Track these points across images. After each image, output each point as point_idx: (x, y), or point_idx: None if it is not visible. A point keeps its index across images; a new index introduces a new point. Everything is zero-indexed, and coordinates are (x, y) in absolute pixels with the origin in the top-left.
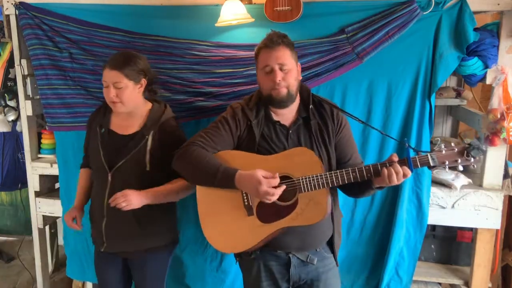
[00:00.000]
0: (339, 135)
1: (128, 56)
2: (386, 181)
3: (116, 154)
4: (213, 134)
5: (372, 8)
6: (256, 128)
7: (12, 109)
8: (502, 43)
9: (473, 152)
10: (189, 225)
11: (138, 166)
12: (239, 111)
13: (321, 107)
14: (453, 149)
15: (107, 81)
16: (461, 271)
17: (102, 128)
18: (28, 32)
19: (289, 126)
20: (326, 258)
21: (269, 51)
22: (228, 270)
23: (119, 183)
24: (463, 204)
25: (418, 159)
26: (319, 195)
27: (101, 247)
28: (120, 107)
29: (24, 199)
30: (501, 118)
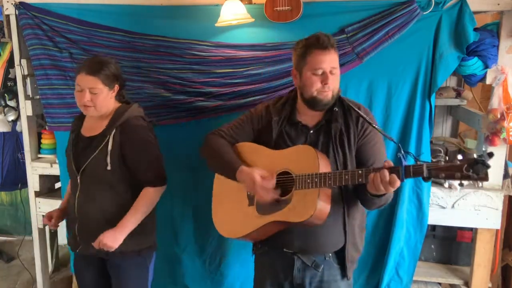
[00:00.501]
0: (362, 140)
1: (102, 61)
2: (373, 187)
3: (82, 157)
4: (235, 125)
5: (372, 8)
6: (276, 126)
7: (12, 109)
8: (502, 43)
9: (475, 167)
10: (189, 226)
11: (101, 166)
12: (264, 108)
13: (348, 112)
14: (454, 162)
15: (81, 86)
16: (461, 271)
17: (73, 133)
18: (28, 32)
19: (311, 127)
20: (334, 269)
21: (323, 53)
22: (226, 272)
23: (86, 185)
24: (463, 204)
25: (412, 168)
26: (311, 194)
27: (76, 249)
28: (92, 111)
29: (24, 199)
30: (501, 118)
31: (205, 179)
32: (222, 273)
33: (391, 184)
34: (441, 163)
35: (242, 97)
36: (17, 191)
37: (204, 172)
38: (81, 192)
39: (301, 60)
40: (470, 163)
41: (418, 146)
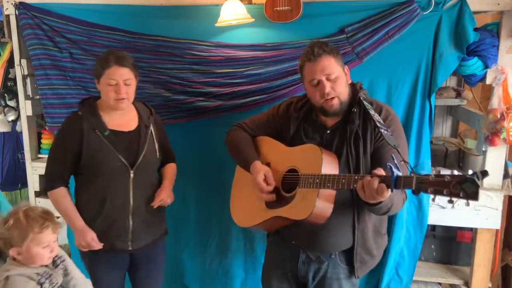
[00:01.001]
0: (379, 143)
1: (124, 54)
2: (361, 195)
3: (132, 151)
4: (259, 119)
5: (372, 8)
6: (294, 122)
7: (12, 109)
8: (502, 43)
9: (465, 185)
10: (189, 225)
11: (153, 156)
12: (287, 104)
13: (368, 114)
14: (443, 178)
15: (116, 79)
16: (461, 271)
17: (104, 131)
18: (28, 32)
19: (329, 126)
20: (339, 267)
21: (313, 64)
22: (227, 271)
23: (140, 177)
24: (463, 204)
25: (403, 179)
26: (311, 194)
27: (127, 246)
28: (126, 104)
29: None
30: (501, 118)
31: (205, 179)
32: (222, 272)
33: (379, 193)
34: (432, 177)
35: (242, 97)
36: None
37: (205, 172)
38: (135, 186)
39: (301, 74)
40: (459, 181)
41: (418, 146)
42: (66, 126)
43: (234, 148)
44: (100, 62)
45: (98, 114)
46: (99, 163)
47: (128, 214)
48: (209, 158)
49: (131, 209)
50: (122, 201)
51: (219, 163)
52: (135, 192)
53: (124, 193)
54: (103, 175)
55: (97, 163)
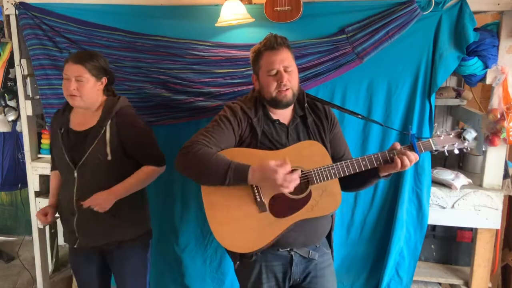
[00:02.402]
0: (333, 131)
1: (91, 53)
2: (398, 166)
3: (78, 151)
4: (215, 132)
5: (372, 8)
6: (257, 125)
7: (12, 109)
8: (502, 43)
9: (466, 135)
10: (189, 225)
11: (101, 158)
12: (239, 109)
13: (314, 106)
14: (449, 134)
15: (68, 74)
16: (461, 271)
17: (61, 129)
18: (28, 32)
19: (288, 124)
20: (326, 254)
21: (274, 53)
22: (227, 271)
23: (85, 178)
24: (463, 204)
25: (422, 144)
26: (332, 186)
27: (74, 244)
28: (78, 101)
29: (24, 199)
30: (501, 118)
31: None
32: (222, 272)
33: (415, 160)
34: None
35: None
36: (17, 191)
37: None
38: (79, 186)
39: (255, 64)
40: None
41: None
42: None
43: (208, 165)
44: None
45: (67, 112)
46: (56, 159)
47: (72, 212)
48: None
49: (76, 210)
50: (68, 199)
51: None
52: (78, 192)
53: (70, 192)
54: (60, 172)
55: (55, 159)
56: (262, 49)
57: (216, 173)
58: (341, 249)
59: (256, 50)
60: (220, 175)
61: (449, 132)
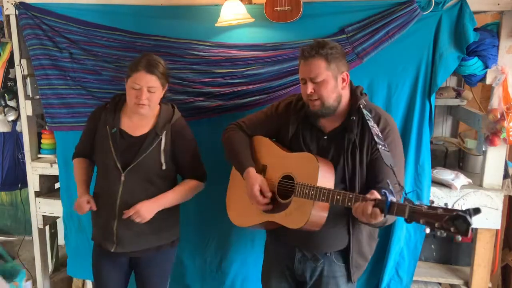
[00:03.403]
0: (376, 154)
1: (158, 60)
2: (355, 215)
3: (129, 154)
4: (257, 118)
5: (372, 8)
6: (293, 124)
7: (12, 109)
8: (502, 43)
9: (457, 222)
10: (189, 225)
11: (153, 165)
12: (287, 103)
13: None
14: (436, 210)
15: (141, 84)
16: (461, 271)
17: (113, 128)
18: (28, 32)
19: (327, 132)
20: (335, 265)
21: (303, 63)
22: (227, 270)
23: (131, 183)
24: (463, 204)
25: (396, 206)
26: (306, 205)
27: (111, 248)
28: (146, 110)
29: (24, 199)
30: (501, 118)
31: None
32: (222, 272)
33: (373, 217)
34: (424, 208)
35: (242, 97)
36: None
37: None
38: (126, 189)
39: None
40: (452, 217)
41: (418, 146)
42: (93, 112)
43: (229, 149)
44: (132, 63)
45: (118, 112)
46: (100, 157)
47: (114, 216)
48: (209, 158)
49: (117, 213)
50: (111, 202)
51: (219, 163)
52: (123, 196)
53: (113, 194)
54: (100, 169)
55: (98, 157)
56: (299, 57)
57: (230, 158)
58: None
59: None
60: (232, 159)
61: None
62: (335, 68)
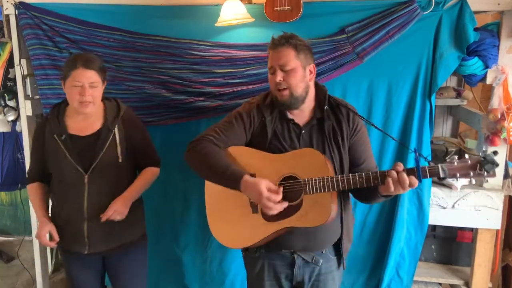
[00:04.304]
0: (354, 138)
1: (93, 56)
2: (391, 189)
3: (87, 156)
4: (225, 128)
5: (372, 8)
6: (270, 125)
7: (12, 109)
8: (503, 43)
9: (486, 166)
10: (190, 225)
11: (112, 160)
12: (254, 107)
13: (337, 109)
14: (466, 162)
15: (81, 81)
16: (461, 271)
17: (61, 135)
18: (28, 32)
19: (302, 126)
20: (330, 260)
21: (273, 52)
22: (227, 271)
23: (96, 183)
24: (464, 204)
25: (428, 169)
26: (324, 198)
27: (84, 250)
28: (91, 108)
29: (24, 199)
30: (501, 118)
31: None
32: (222, 272)
33: (411, 186)
34: (455, 164)
35: (242, 97)
36: (17, 191)
37: None
38: (91, 190)
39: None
40: (482, 163)
41: (418, 146)
42: (35, 130)
43: (209, 166)
44: (67, 63)
45: (61, 118)
46: (55, 167)
47: (83, 219)
48: None
49: (86, 215)
50: (77, 206)
51: None
52: (90, 198)
53: (79, 199)
54: (60, 179)
55: (54, 167)
56: (268, 47)
57: (214, 175)
58: None
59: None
60: (217, 177)
61: (466, 159)
62: (304, 59)
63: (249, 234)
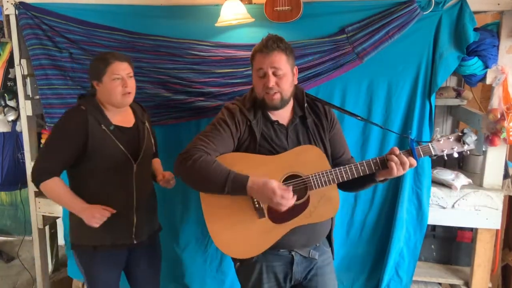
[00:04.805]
0: (332, 131)
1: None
2: (394, 172)
3: (134, 145)
4: (213, 136)
5: (372, 8)
6: (256, 128)
7: (12, 109)
8: (502, 43)
9: (466, 138)
10: (189, 225)
11: (150, 151)
12: (237, 111)
13: (314, 105)
14: (449, 138)
15: (120, 74)
16: (461, 271)
17: (109, 126)
18: (28, 32)
19: (287, 125)
20: (326, 252)
21: (264, 56)
22: (227, 270)
23: (142, 171)
24: (463, 204)
25: (421, 148)
26: (330, 191)
27: (131, 241)
28: (132, 97)
29: (24, 199)
30: (501, 118)
31: None
32: (223, 272)
33: (411, 166)
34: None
35: None
36: (17, 191)
37: None
38: (138, 178)
39: (251, 63)
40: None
41: None
42: (69, 120)
43: (205, 175)
44: (97, 64)
45: (102, 109)
46: (105, 156)
47: (132, 208)
48: None
49: (135, 203)
50: (126, 195)
51: None
52: (138, 186)
53: (128, 187)
54: (107, 169)
55: (102, 156)
56: (256, 50)
57: (215, 184)
58: (341, 249)
59: (252, 49)
60: (219, 186)
61: (449, 136)
62: (291, 62)
63: (261, 240)
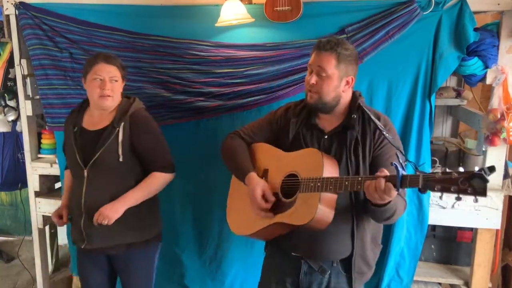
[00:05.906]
0: (378, 151)
1: (112, 55)
2: (368, 195)
3: (89, 150)
4: (255, 125)
5: (372, 8)
6: (293, 127)
7: (12, 109)
8: (502, 43)
9: (473, 181)
10: (189, 226)
11: (112, 158)
12: (285, 108)
13: (367, 122)
14: (450, 175)
15: (102, 75)
16: (461, 271)
17: (75, 127)
18: (28, 32)
19: (327, 132)
20: (342, 276)
21: (316, 53)
22: (227, 272)
23: (95, 179)
24: (463, 204)
25: (409, 178)
26: (312, 198)
27: (81, 245)
28: (110, 102)
29: (24, 199)
30: (501, 118)
31: (205, 180)
32: (222, 273)
33: (386, 193)
34: (438, 175)
35: (242, 97)
36: (17, 191)
37: (205, 173)
38: (89, 186)
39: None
40: (468, 177)
41: (418, 146)
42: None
43: (228, 157)
44: (88, 61)
45: (82, 112)
46: (67, 157)
47: (80, 213)
48: (209, 159)
49: (83, 209)
50: (77, 198)
51: (219, 163)
52: (87, 193)
53: (79, 192)
54: (71, 171)
55: (67, 157)
56: (314, 45)
57: (231, 164)
58: None
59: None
60: (231, 168)
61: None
62: (344, 69)
63: (250, 223)
